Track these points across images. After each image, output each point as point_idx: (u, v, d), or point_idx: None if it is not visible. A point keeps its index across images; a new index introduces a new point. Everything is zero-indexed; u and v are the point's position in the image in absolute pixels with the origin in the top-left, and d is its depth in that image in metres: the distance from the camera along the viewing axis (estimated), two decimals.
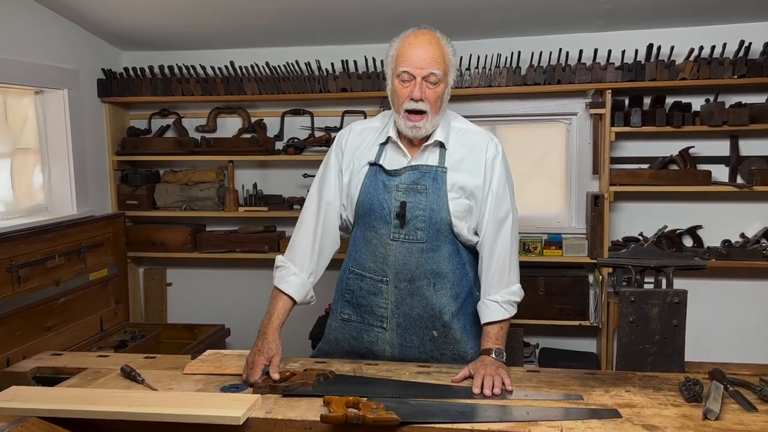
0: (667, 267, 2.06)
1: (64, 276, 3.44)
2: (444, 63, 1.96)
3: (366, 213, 2.04)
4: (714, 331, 3.90)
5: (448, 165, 2.02)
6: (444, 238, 2.02)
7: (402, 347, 2.08)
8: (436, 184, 2.00)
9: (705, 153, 3.84)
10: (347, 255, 2.15)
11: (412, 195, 2.00)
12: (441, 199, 1.99)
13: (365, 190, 2.04)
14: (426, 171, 2.02)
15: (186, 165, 4.34)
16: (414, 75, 1.92)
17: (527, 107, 4.02)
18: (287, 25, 3.83)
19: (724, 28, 3.71)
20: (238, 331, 4.13)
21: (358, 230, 2.09)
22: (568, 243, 3.89)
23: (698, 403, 1.70)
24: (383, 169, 2.04)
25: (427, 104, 1.94)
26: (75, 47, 3.88)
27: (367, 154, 2.09)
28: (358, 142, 2.12)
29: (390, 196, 2.01)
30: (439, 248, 2.02)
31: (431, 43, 1.95)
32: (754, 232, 3.81)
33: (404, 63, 1.93)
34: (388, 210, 2.01)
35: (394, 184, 2.02)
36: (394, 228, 2.01)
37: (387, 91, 2.05)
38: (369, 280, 2.06)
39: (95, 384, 1.91)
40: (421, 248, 2.01)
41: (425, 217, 1.99)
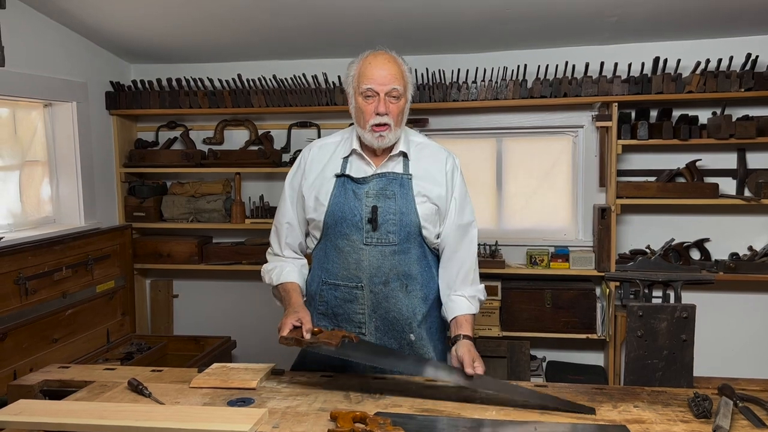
0: (676, 281, 2.05)
1: (71, 288, 3.45)
2: (403, 79, 2.07)
3: (337, 221, 2.10)
4: (722, 345, 3.88)
5: (412, 173, 2.13)
6: (413, 240, 2.12)
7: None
8: (403, 190, 2.10)
9: (712, 166, 3.84)
10: (314, 268, 2.23)
11: (382, 200, 2.09)
12: (410, 203, 2.10)
13: (335, 200, 2.11)
14: (393, 178, 2.11)
15: (193, 177, 4.36)
16: (377, 91, 2.03)
17: (533, 120, 4.03)
18: (294, 38, 3.85)
19: (731, 41, 3.72)
20: (244, 343, 4.12)
21: (327, 241, 2.16)
22: (575, 256, 3.88)
23: (708, 419, 1.69)
24: (351, 178, 2.12)
25: (391, 118, 2.05)
26: (84, 60, 3.92)
27: (330, 168, 2.17)
28: (320, 157, 2.21)
29: (360, 203, 2.09)
30: (409, 250, 2.12)
31: (390, 62, 2.06)
32: (762, 245, 3.80)
33: (367, 81, 2.03)
34: (360, 216, 2.09)
35: (363, 191, 2.10)
36: (366, 233, 2.09)
37: (350, 108, 2.14)
38: (343, 288, 2.13)
39: (102, 397, 1.91)
40: (393, 250, 2.09)
41: (396, 220, 2.09)
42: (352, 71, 2.10)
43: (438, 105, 3.87)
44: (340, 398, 1.87)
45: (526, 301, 3.88)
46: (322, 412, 1.76)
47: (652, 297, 2.10)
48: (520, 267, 3.97)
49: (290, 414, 1.76)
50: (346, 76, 2.13)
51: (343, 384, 1.98)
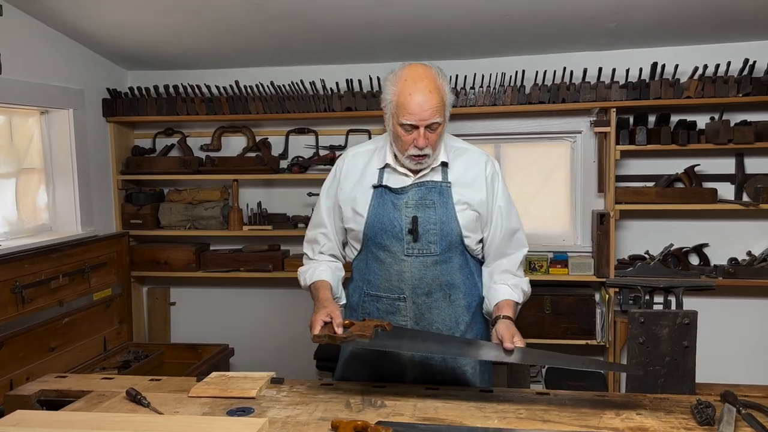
0: (677, 287, 2.04)
1: (68, 296, 3.42)
2: (443, 106, 1.97)
3: (377, 233, 2.07)
4: (722, 351, 3.87)
5: (451, 180, 2.09)
6: (455, 249, 2.08)
7: (423, 368, 2.12)
8: (443, 198, 2.06)
9: (710, 171, 3.83)
10: (356, 279, 2.20)
11: (422, 210, 2.05)
12: (450, 212, 2.05)
13: (374, 211, 2.07)
14: (432, 186, 2.07)
15: (190, 184, 4.34)
16: (417, 126, 1.94)
17: (532, 125, 4.03)
18: (292, 45, 3.85)
19: (728, 46, 3.72)
20: (242, 350, 4.10)
21: (367, 253, 2.12)
22: (573, 261, 3.88)
23: (711, 426, 1.68)
24: (389, 188, 2.07)
25: (430, 148, 1.99)
26: (80, 67, 3.90)
27: (367, 177, 2.13)
28: (354, 167, 2.17)
29: (400, 214, 2.05)
30: (451, 259, 2.08)
31: (431, 92, 1.93)
32: (761, 250, 3.79)
33: (406, 115, 1.93)
34: (400, 227, 2.05)
35: (402, 202, 2.06)
36: (407, 244, 2.05)
37: (387, 128, 2.07)
38: (385, 299, 2.10)
39: (100, 407, 1.89)
40: (435, 261, 2.06)
41: (437, 230, 2.04)
42: (390, 95, 1.98)
43: None
44: (341, 407, 1.85)
45: (526, 307, 3.78)
46: (322, 422, 1.74)
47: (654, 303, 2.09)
48: None
49: (290, 423, 1.74)
50: (384, 90, 2.02)
51: (344, 392, 1.97)
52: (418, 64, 2.00)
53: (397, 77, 1.98)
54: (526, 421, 1.74)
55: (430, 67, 2.00)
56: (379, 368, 2.15)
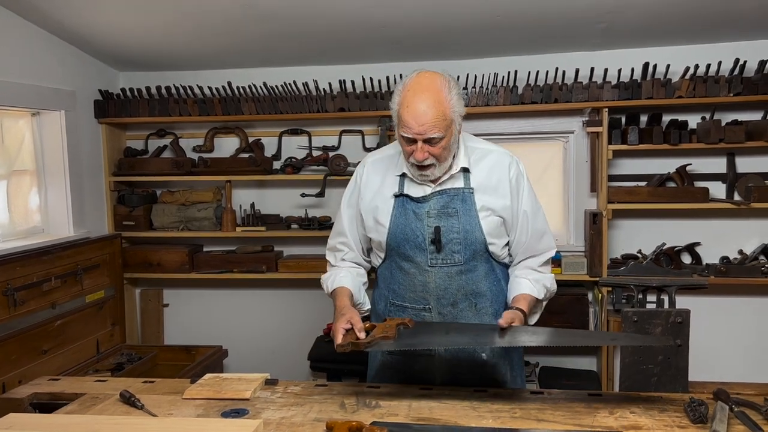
0: (670, 286, 2.05)
1: (60, 298, 3.41)
2: (445, 120, 1.89)
3: (399, 243, 2.04)
4: (714, 349, 3.89)
5: (474, 186, 2.04)
6: (480, 257, 2.05)
7: (452, 374, 2.08)
8: (465, 206, 2.02)
9: (702, 170, 3.85)
10: (381, 287, 2.17)
11: (444, 219, 2.01)
12: (473, 219, 2.01)
13: (395, 221, 2.04)
14: (454, 194, 2.03)
15: (183, 185, 4.33)
16: (415, 139, 1.90)
17: (524, 126, 4.03)
18: (284, 46, 3.85)
19: (719, 46, 3.74)
20: (236, 352, 4.09)
21: (392, 262, 2.10)
22: (567, 261, 3.89)
23: (704, 424, 1.69)
24: (410, 197, 2.04)
25: (432, 159, 1.94)
26: (72, 69, 3.89)
27: (387, 186, 2.09)
28: (374, 175, 2.13)
29: (422, 224, 2.01)
30: (476, 268, 2.05)
31: (430, 106, 1.86)
32: (752, 249, 3.81)
33: (404, 128, 1.90)
34: (423, 237, 2.01)
35: (424, 211, 2.02)
36: (430, 254, 2.02)
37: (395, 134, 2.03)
38: (411, 310, 2.07)
39: (94, 410, 1.88)
40: (459, 270, 2.03)
41: (460, 239, 2.01)
42: (395, 104, 1.95)
43: None
44: (336, 408, 1.85)
45: None
46: (317, 423, 1.74)
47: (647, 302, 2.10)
48: None
49: (285, 425, 1.74)
50: (392, 99, 1.97)
51: (339, 393, 1.97)
52: (425, 73, 1.94)
53: (403, 86, 1.93)
54: (521, 421, 1.75)
55: (438, 77, 1.92)
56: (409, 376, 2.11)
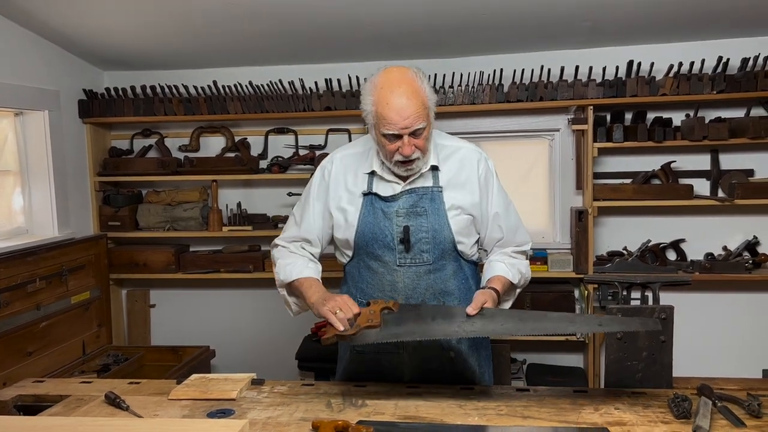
0: (654, 283, 2.06)
1: (45, 300, 3.38)
2: (425, 109, 1.90)
3: (368, 242, 2.03)
4: (699, 345, 3.92)
5: (443, 184, 2.04)
6: (448, 256, 2.04)
7: (421, 370, 2.09)
8: (434, 205, 2.01)
9: (686, 167, 3.88)
10: (349, 285, 2.15)
11: (413, 218, 2.00)
12: (442, 218, 2.01)
13: (364, 220, 2.03)
14: (423, 193, 2.02)
15: (169, 185, 4.31)
16: (401, 135, 1.89)
17: (510, 124, 4.04)
18: (270, 45, 3.83)
19: (703, 44, 3.77)
20: (223, 352, 4.08)
21: (359, 260, 2.08)
22: (553, 258, 3.90)
23: (687, 419, 1.71)
24: (379, 196, 2.03)
25: (418, 152, 1.94)
26: (55, 68, 3.85)
27: (356, 184, 2.07)
28: (343, 172, 2.10)
29: (391, 223, 2.01)
30: (445, 267, 2.04)
31: (409, 97, 1.86)
32: (736, 245, 3.85)
33: (387, 126, 1.87)
34: (391, 237, 2.01)
35: (393, 210, 2.01)
36: (399, 254, 2.01)
37: (371, 136, 2.02)
38: None
39: (79, 412, 1.87)
40: (428, 269, 2.02)
41: (429, 238, 2.00)
42: (369, 105, 1.92)
43: None
44: (322, 407, 1.85)
45: None
46: (303, 422, 1.74)
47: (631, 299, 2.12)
48: None
49: (271, 425, 1.74)
50: (363, 100, 1.95)
51: (325, 392, 1.97)
52: (393, 68, 1.93)
53: (374, 86, 1.92)
54: (506, 418, 1.76)
55: (407, 70, 1.93)
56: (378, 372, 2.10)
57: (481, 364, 2.18)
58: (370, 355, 2.10)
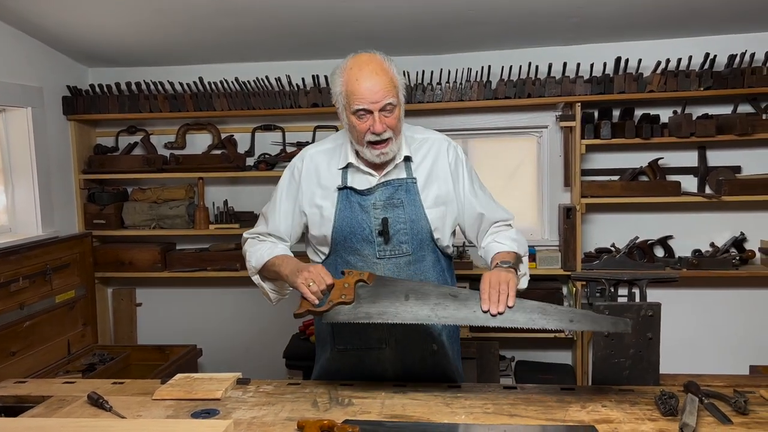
0: (641, 280, 2.06)
1: (29, 299, 3.34)
2: (395, 87, 1.93)
3: (346, 237, 2.01)
4: (686, 342, 3.94)
5: (416, 175, 2.05)
6: (426, 247, 2.05)
7: (404, 364, 2.08)
8: (410, 196, 2.02)
9: (674, 164, 3.89)
10: None
11: (391, 210, 2.00)
12: (418, 209, 2.02)
13: (341, 215, 2.02)
14: (398, 184, 2.03)
15: (155, 183, 4.27)
16: (371, 110, 1.90)
17: (498, 121, 4.04)
18: (257, 41, 3.80)
19: (690, 41, 3.78)
20: (210, 351, 4.06)
21: (337, 257, 2.06)
22: (541, 255, 3.90)
23: (674, 416, 1.70)
24: (354, 190, 2.02)
25: (390, 131, 1.94)
26: (39, 64, 3.81)
27: (329, 179, 2.06)
28: (315, 169, 2.09)
29: (368, 216, 2.00)
30: (424, 258, 2.05)
31: (378, 73, 1.90)
32: (724, 242, 3.86)
33: (358, 101, 1.89)
34: (370, 230, 2.00)
35: (370, 203, 2.01)
36: (378, 246, 2.01)
37: (342, 123, 2.03)
38: None
39: (61, 413, 1.85)
40: (408, 261, 2.02)
41: (407, 229, 2.01)
42: (338, 86, 1.95)
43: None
44: (308, 406, 1.84)
45: None
46: (288, 422, 1.72)
47: (618, 296, 2.11)
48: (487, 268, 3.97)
49: (256, 425, 1.72)
50: (332, 85, 1.98)
51: (311, 391, 1.95)
52: (362, 53, 1.97)
53: (342, 69, 1.95)
54: (493, 416, 1.74)
55: (375, 53, 1.97)
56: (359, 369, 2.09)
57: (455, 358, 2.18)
58: (353, 352, 2.09)
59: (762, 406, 1.76)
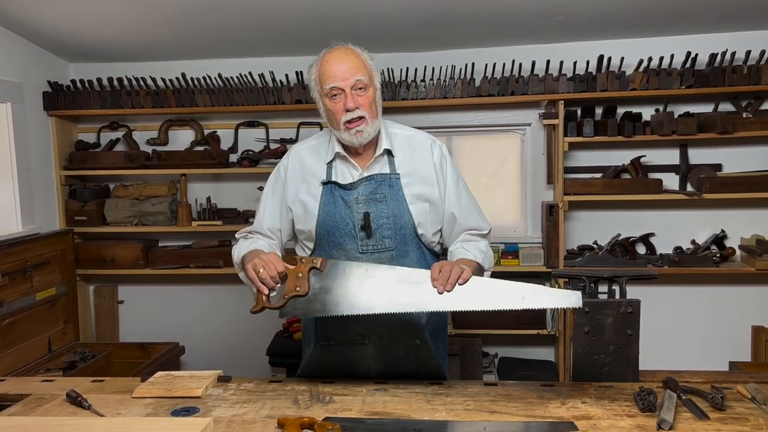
0: (621, 277, 2.07)
1: (8, 296, 3.31)
2: (366, 68, 1.99)
3: (329, 231, 2.02)
4: (667, 338, 3.97)
5: (400, 172, 2.06)
6: (410, 242, 2.05)
7: (386, 360, 2.08)
8: (393, 191, 2.02)
9: (655, 162, 3.92)
10: None
11: (373, 205, 2.01)
12: (401, 204, 2.02)
13: (324, 209, 2.03)
14: (381, 179, 2.04)
15: (137, 179, 4.24)
16: (342, 88, 1.95)
17: (482, 118, 4.05)
18: (240, 37, 3.78)
19: (672, 39, 3.80)
20: (192, 349, 4.04)
21: (320, 252, 2.06)
22: (524, 252, 3.92)
23: (652, 412, 1.71)
24: (338, 184, 2.03)
25: (363, 110, 1.97)
26: (19, 59, 3.76)
27: (314, 175, 2.08)
28: (300, 165, 2.12)
29: (351, 211, 2.01)
30: (408, 254, 2.04)
31: (347, 55, 1.98)
32: (704, 239, 3.89)
33: (328, 80, 1.95)
34: (352, 224, 2.01)
35: (353, 198, 2.02)
36: (361, 241, 2.01)
37: (321, 113, 2.06)
38: None
39: (38, 411, 1.83)
40: (390, 256, 2.02)
41: (390, 224, 2.01)
42: (313, 75, 2.02)
43: (387, 104, 3.81)
44: (289, 404, 1.83)
45: None
46: (269, 419, 1.72)
47: (599, 293, 2.12)
48: None
49: (236, 422, 1.71)
50: (308, 80, 2.05)
51: (292, 389, 1.95)
52: (335, 45, 2.03)
53: (316, 60, 2.02)
54: (474, 413, 1.75)
55: (349, 44, 2.04)
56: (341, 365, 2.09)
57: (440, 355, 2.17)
58: (335, 348, 2.08)
59: (739, 401, 1.78)
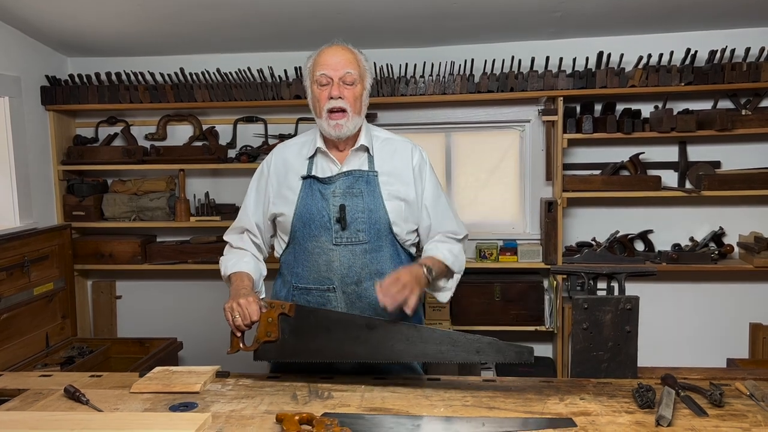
0: (619, 273, 2.07)
1: (6, 291, 3.30)
2: (358, 65, 2.06)
3: (305, 224, 2.07)
4: (665, 335, 3.98)
5: (378, 170, 2.11)
6: (384, 238, 2.08)
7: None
8: (370, 187, 2.08)
9: (654, 159, 3.92)
10: (284, 274, 2.19)
11: (349, 198, 2.06)
12: (377, 200, 2.07)
13: (302, 202, 2.08)
14: (359, 176, 2.09)
15: (135, 174, 4.23)
16: (331, 77, 2.02)
17: (481, 114, 4.04)
18: (238, 32, 3.77)
19: (671, 36, 3.80)
20: (190, 344, 4.03)
21: (295, 245, 2.12)
22: (523, 249, 3.92)
23: (651, 409, 1.71)
24: (317, 178, 2.09)
25: (346, 102, 2.03)
26: (17, 53, 3.75)
27: (296, 170, 2.14)
28: (283, 160, 2.18)
29: (327, 203, 2.06)
30: (381, 249, 2.08)
31: (343, 50, 2.06)
32: (703, 236, 3.89)
33: (320, 68, 2.03)
34: (328, 216, 2.05)
35: (330, 191, 2.07)
36: (335, 233, 2.05)
37: (308, 101, 2.13)
38: (315, 292, 2.10)
39: (36, 406, 1.82)
40: (364, 249, 2.06)
41: (365, 218, 2.06)
42: (309, 63, 2.09)
43: (387, 100, 3.84)
44: (287, 399, 1.83)
45: (476, 294, 3.90)
46: (267, 415, 1.71)
47: (597, 289, 2.12)
48: (469, 261, 3.95)
49: (235, 418, 1.71)
50: (304, 70, 2.12)
51: (291, 384, 1.94)
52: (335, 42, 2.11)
53: (314, 53, 2.10)
54: (472, 409, 1.75)
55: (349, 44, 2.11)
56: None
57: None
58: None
59: (737, 398, 1.78)
